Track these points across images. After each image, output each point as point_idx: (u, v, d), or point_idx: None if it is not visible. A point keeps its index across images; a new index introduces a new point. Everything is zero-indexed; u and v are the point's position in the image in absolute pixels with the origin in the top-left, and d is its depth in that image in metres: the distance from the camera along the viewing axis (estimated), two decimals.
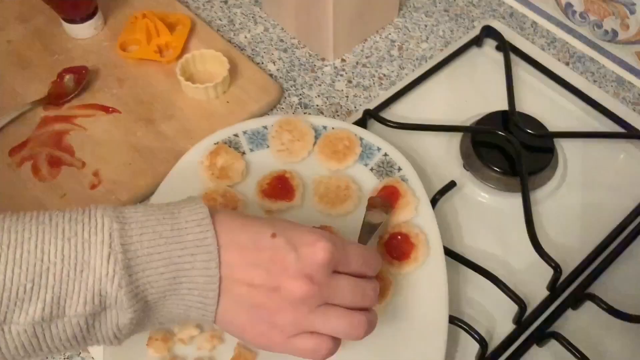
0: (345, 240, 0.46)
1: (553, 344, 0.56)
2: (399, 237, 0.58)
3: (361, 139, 0.65)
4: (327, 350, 0.44)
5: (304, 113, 0.76)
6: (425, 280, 0.56)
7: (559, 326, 0.58)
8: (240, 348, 0.54)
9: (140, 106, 0.74)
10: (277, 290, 0.42)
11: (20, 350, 0.38)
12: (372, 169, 0.64)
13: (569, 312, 0.59)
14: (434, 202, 0.63)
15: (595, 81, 0.79)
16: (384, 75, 0.80)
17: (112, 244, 0.39)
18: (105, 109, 0.74)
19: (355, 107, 0.76)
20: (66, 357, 0.58)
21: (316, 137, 0.66)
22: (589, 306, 0.58)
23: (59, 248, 0.38)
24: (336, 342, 0.44)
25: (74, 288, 0.38)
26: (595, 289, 0.60)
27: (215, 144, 0.65)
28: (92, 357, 0.58)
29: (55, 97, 0.73)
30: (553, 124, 0.71)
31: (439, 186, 0.66)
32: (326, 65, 0.80)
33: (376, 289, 0.47)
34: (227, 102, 0.75)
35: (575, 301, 0.59)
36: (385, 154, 0.64)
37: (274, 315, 0.42)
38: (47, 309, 0.37)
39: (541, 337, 0.56)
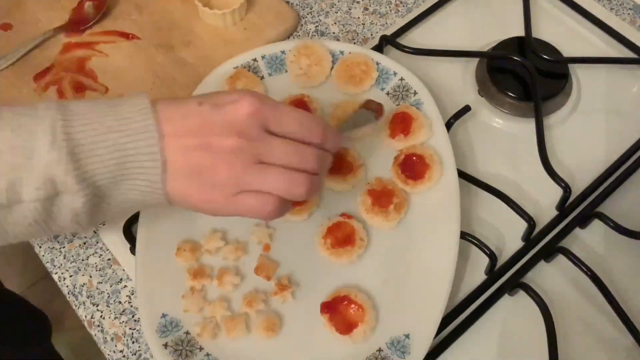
0: (278, 102, 0.47)
1: (560, 260, 0.59)
2: (414, 157, 0.60)
3: (378, 63, 0.66)
4: (273, 207, 0.45)
5: None
6: (438, 199, 0.59)
7: (566, 243, 0.60)
8: (263, 258, 0.57)
9: (159, 33, 0.75)
10: (209, 149, 0.44)
11: None
12: (388, 93, 0.65)
13: (577, 231, 0.61)
14: (448, 125, 0.65)
15: (612, 9, 0.78)
16: (401, 2, 0.80)
17: (54, 132, 0.41)
18: (125, 36, 0.75)
19: (371, 35, 0.77)
20: (99, 269, 0.62)
21: (333, 62, 0.67)
22: (596, 225, 0.61)
23: (7, 138, 0.41)
24: (282, 201, 0.46)
25: (26, 175, 0.41)
26: (604, 208, 0.62)
27: (234, 68, 0.66)
28: (123, 269, 0.62)
29: (76, 24, 0.74)
30: (568, 51, 0.72)
31: (454, 112, 0.67)
32: None
33: (321, 156, 0.47)
34: (244, 28, 0.76)
35: (583, 219, 0.61)
36: (402, 79, 0.65)
37: (212, 176, 0.44)
38: (3, 195, 0.40)
39: (549, 253, 0.59)
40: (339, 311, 0.53)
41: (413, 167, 0.59)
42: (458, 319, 0.57)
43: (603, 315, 0.57)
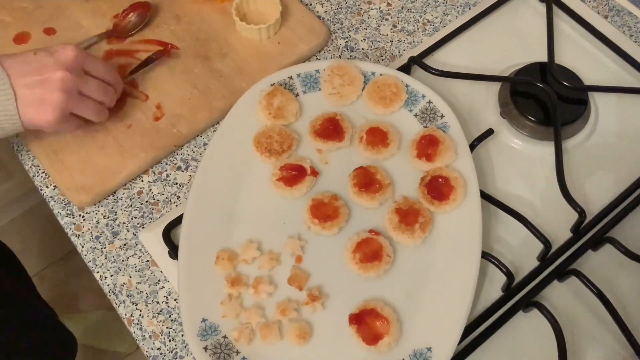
0: (91, 54, 0.67)
1: (572, 281, 0.63)
2: (440, 179, 0.63)
3: (407, 85, 0.69)
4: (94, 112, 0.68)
5: (350, 56, 0.80)
6: (461, 219, 0.63)
7: (578, 265, 0.64)
8: (295, 269, 0.61)
9: (196, 43, 0.78)
10: (47, 82, 0.62)
11: None
12: (416, 115, 0.69)
13: (589, 253, 0.65)
14: (472, 147, 0.68)
15: (631, 35, 0.81)
16: (428, 21, 0.83)
17: None
18: (164, 45, 0.78)
19: (399, 52, 0.80)
20: (138, 269, 0.66)
21: (365, 83, 0.70)
22: (608, 248, 0.65)
23: None
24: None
25: None
26: (615, 233, 0.66)
27: (271, 85, 0.69)
28: (161, 271, 0.66)
29: (119, 32, 0.78)
30: (587, 76, 0.75)
31: (475, 132, 0.71)
32: (372, 9, 0.84)
33: (114, 92, 0.69)
34: (278, 42, 0.79)
35: (595, 243, 0.65)
36: (429, 102, 0.69)
37: (52, 102, 0.62)
38: None
39: (562, 273, 0.63)
40: (366, 323, 0.57)
41: (438, 188, 0.63)
42: (474, 333, 0.61)
43: (610, 334, 0.61)
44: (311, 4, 0.84)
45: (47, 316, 1.08)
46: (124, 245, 0.68)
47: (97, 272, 0.67)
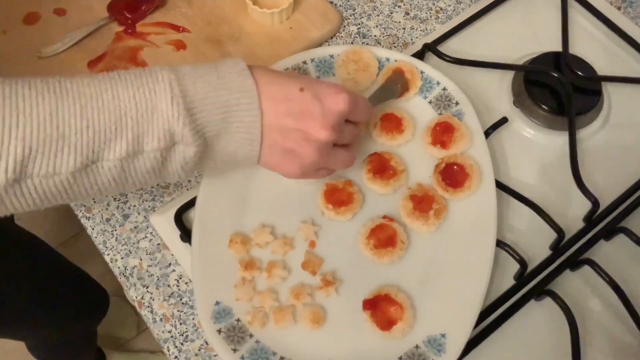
0: (357, 94, 0.55)
1: (584, 270, 0.63)
2: (455, 167, 0.63)
3: (422, 72, 0.69)
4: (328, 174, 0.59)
5: (362, 43, 0.79)
6: (476, 207, 0.62)
7: (591, 255, 0.64)
8: (309, 254, 0.61)
9: (208, 27, 0.78)
10: (305, 137, 0.52)
11: (112, 183, 0.48)
12: (430, 102, 0.68)
13: (602, 243, 0.65)
14: (485, 135, 0.68)
15: None
16: (441, 8, 0.82)
17: (173, 91, 0.47)
18: (176, 28, 0.77)
19: (412, 40, 0.80)
20: (149, 252, 0.66)
21: (379, 69, 0.70)
22: (620, 238, 0.65)
23: (131, 96, 0.46)
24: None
25: (149, 128, 0.47)
26: (628, 223, 0.66)
27: (285, 69, 0.69)
28: (172, 254, 0.66)
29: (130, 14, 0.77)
30: (600, 67, 0.75)
31: (488, 120, 0.71)
32: None
33: (361, 133, 0.60)
34: (290, 28, 0.78)
35: (608, 233, 0.65)
36: (444, 89, 0.68)
37: (302, 159, 0.53)
38: (129, 146, 0.46)
39: (575, 263, 0.63)
40: (380, 308, 0.57)
41: (453, 175, 0.63)
42: (486, 320, 0.61)
43: (622, 324, 0.62)
44: None
45: (77, 271, 1.09)
46: (135, 228, 0.68)
47: (108, 255, 0.67)
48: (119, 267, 0.66)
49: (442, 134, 0.65)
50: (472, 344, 0.59)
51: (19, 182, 0.44)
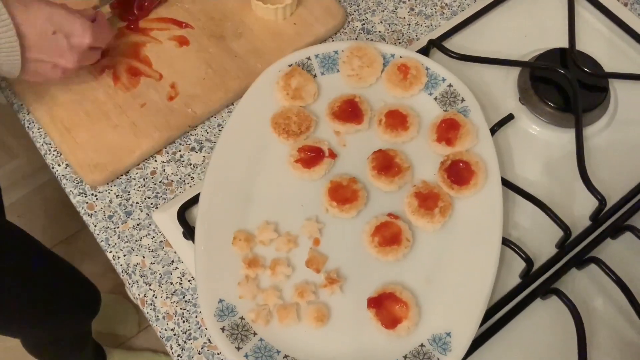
0: (95, 25, 0.65)
1: (591, 269, 0.63)
2: (461, 164, 0.63)
3: (427, 68, 0.68)
4: None
5: (367, 39, 0.79)
6: (482, 205, 0.62)
7: (597, 253, 0.64)
8: (313, 252, 0.60)
9: (211, 22, 0.77)
10: (55, 67, 0.63)
11: None
12: (436, 99, 0.68)
13: (608, 241, 0.65)
14: (491, 132, 0.67)
15: None
16: (446, 4, 0.82)
17: None
18: (179, 24, 0.77)
19: (416, 36, 0.79)
20: (151, 250, 0.65)
21: (384, 65, 0.69)
22: (627, 236, 0.64)
23: None
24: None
25: None
26: (635, 221, 0.65)
27: (289, 65, 0.68)
28: (175, 252, 0.65)
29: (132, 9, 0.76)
30: (607, 63, 0.74)
31: (493, 117, 0.70)
32: None
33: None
34: (294, 23, 0.78)
35: (615, 231, 0.64)
36: (450, 85, 0.68)
37: (53, 78, 0.65)
38: None
39: (581, 261, 0.62)
40: (385, 307, 0.57)
41: (459, 172, 0.62)
42: (492, 319, 0.60)
43: (628, 322, 0.61)
44: None
45: (69, 269, 1.08)
46: (137, 225, 0.67)
47: (110, 252, 0.66)
48: (121, 265, 0.65)
49: (448, 131, 0.64)
50: (478, 342, 0.58)
51: None
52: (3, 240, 0.89)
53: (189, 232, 0.63)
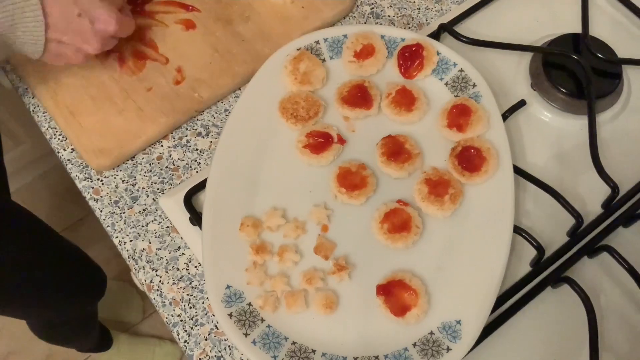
0: (123, 16, 0.65)
1: (602, 257, 0.62)
2: (472, 150, 0.62)
3: (438, 53, 0.67)
4: None
5: (376, 23, 0.77)
6: (493, 192, 0.61)
7: (609, 241, 0.63)
8: (321, 238, 0.59)
9: (218, 6, 0.76)
10: (77, 50, 0.63)
11: None
12: (447, 84, 0.67)
13: (620, 230, 0.64)
14: (503, 118, 0.66)
15: None
16: None
17: None
18: (185, 7, 0.76)
19: (426, 20, 0.78)
20: (158, 235, 0.65)
21: (394, 49, 0.68)
22: (639, 225, 0.63)
23: None
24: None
25: None
26: None
27: (297, 49, 0.67)
28: (181, 237, 0.65)
29: None
30: (620, 50, 0.73)
31: (504, 103, 0.69)
32: None
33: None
34: (302, 7, 0.76)
35: (627, 219, 0.63)
36: (461, 70, 0.66)
37: (76, 60, 0.65)
38: None
39: (593, 249, 0.62)
40: (394, 294, 0.56)
41: (470, 159, 0.61)
42: (502, 307, 0.59)
43: None
44: None
45: (74, 250, 1.08)
46: (144, 210, 0.67)
47: (116, 238, 0.65)
48: (127, 250, 0.65)
49: (459, 116, 0.63)
50: (488, 330, 0.58)
51: None
52: (8, 220, 0.89)
53: (195, 218, 0.62)
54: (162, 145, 0.70)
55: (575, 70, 0.70)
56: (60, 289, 1.02)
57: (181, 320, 0.61)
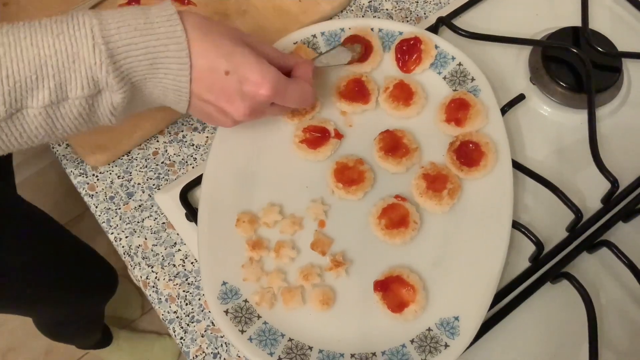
0: (289, 81, 0.55)
1: (602, 252, 0.61)
2: (470, 145, 0.61)
3: (436, 46, 0.66)
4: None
5: (374, 17, 0.77)
6: (492, 187, 0.60)
7: (609, 237, 0.62)
8: (318, 234, 0.59)
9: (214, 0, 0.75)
10: (222, 112, 0.54)
11: (40, 130, 0.47)
12: (445, 78, 0.66)
13: (620, 225, 0.63)
14: (502, 113, 0.65)
15: None
16: None
17: (94, 37, 0.46)
18: (181, 1, 0.75)
19: (425, 14, 0.77)
20: (154, 231, 0.64)
21: (391, 43, 0.67)
22: (639, 220, 0.62)
23: (51, 44, 0.45)
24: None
25: (71, 76, 0.46)
26: None
27: (294, 43, 0.67)
28: (177, 233, 0.64)
29: None
30: (620, 43, 0.72)
31: (503, 97, 0.69)
32: None
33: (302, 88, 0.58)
34: (299, 1, 0.76)
35: (627, 214, 0.63)
36: (460, 64, 0.66)
37: (225, 122, 0.56)
38: (52, 94, 0.45)
39: (592, 245, 0.61)
40: (392, 290, 0.56)
41: (468, 153, 0.61)
42: (500, 303, 0.59)
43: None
44: None
45: (86, 248, 1.07)
46: (139, 206, 0.66)
47: (112, 234, 0.65)
48: (123, 246, 0.64)
49: (457, 110, 0.63)
50: (486, 326, 0.57)
51: None
52: (16, 215, 0.88)
53: (191, 214, 0.62)
54: (157, 141, 0.69)
55: (574, 64, 0.69)
56: (72, 287, 1.01)
57: (177, 317, 0.61)
